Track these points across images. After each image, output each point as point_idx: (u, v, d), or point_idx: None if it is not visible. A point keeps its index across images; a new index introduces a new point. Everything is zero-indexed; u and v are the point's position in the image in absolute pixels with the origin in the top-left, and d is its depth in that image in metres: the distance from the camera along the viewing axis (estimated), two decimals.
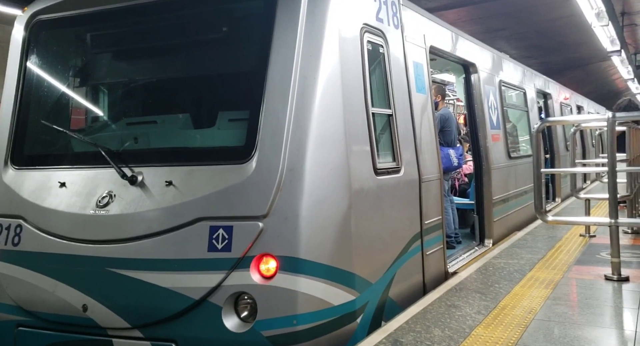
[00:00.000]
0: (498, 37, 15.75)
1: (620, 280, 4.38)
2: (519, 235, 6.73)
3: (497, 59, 7.71)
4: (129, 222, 3.56)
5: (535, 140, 4.99)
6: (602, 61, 20.32)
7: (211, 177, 3.47)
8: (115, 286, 3.51)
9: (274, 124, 3.38)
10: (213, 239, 3.35)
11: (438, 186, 4.95)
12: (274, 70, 3.45)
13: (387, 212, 4.04)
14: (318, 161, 3.39)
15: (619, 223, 4.43)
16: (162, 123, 4.12)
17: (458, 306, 3.82)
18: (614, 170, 4.48)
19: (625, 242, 5.98)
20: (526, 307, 3.76)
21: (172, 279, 3.38)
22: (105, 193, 3.72)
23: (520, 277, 4.61)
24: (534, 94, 9.55)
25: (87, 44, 4.37)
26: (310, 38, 3.46)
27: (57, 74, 4.46)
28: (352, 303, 3.42)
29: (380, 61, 4.18)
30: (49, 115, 4.39)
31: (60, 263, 3.71)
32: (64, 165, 4.05)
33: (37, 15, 4.42)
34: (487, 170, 6.44)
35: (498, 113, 7.15)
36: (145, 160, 3.75)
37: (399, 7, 4.56)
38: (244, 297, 3.28)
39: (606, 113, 4.58)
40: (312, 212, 3.32)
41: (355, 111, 3.72)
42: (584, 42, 16.83)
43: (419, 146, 4.58)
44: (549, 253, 5.55)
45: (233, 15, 3.88)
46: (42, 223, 3.85)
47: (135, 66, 4.41)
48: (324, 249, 3.33)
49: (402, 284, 4.13)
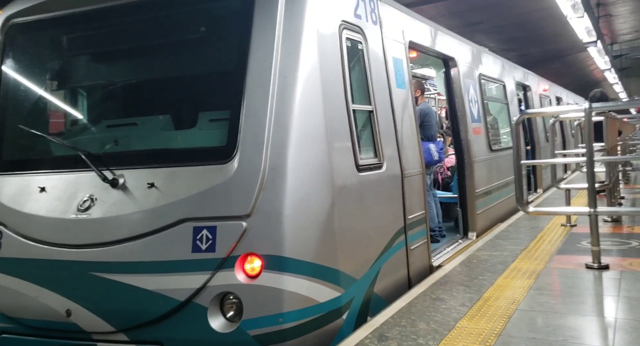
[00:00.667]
0: (477, 30, 15.88)
1: (600, 268, 4.47)
2: (501, 226, 6.82)
3: (476, 52, 7.78)
4: (112, 225, 3.53)
5: (515, 132, 5.06)
6: (580, 52, 20.62)
7: (193, 177, 3.46)
8: (99, 290, 3.49)
9: (254, 123, 3.38)
10: (197, 240, 3.34)
11: (420, 181, 4.99)
12: (254, 69, 3.44)
13: (371, 208, 4.06)
14: (300, 159, 3.39)
15: (598, 212, 4.51)
16: (142, 125, 4.09)
17: (443, 300, 3.87)
18: (592, 160, 4.56)
19: (605, 230, 6.10)
20: (509, 298, 3.83)
21: (157, 281, 3.37)
22: (86, 197, 3.68)
23: (503, 269, 4.68)
24: (514, 87, 9.66)
25: (64, 46, 4.31)
26: (289, 37, 3.46)
27: (34, 77, 4.39)
28: (338, 299, 3.44)
29: (359, 58, 4.19)
30: (27, 120, 4.33)
31: (43, 268, 3.67)
32: (44, 169, 3.99)
33: (11, 19, 4.35)
34: (469, 163, 6.51)
35: (478, 107, 7.23)
36: (126, 163, 3.72)
37: (377, 3, 4.58)
38: (229, 297, 3.28)
39: (583, 104, 4.66)
40: (296, 210, 3.33)
41: (336, 108, 3.73)
42: (561, 33, 17.05)
43: (400, 141, 4.61)
44: (531, 244, 5.64)
45: (211, 15, 3.86)
46: (23, 229, 3.81)
47: (113, 68, 4.37)
48: (308, 247, 3.34)
49: (387, 279, 4.16)
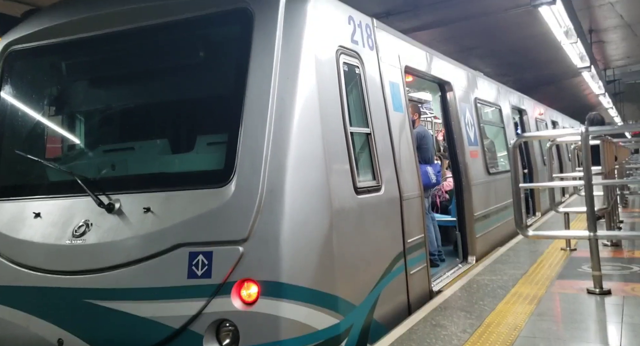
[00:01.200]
0: (472, 55, 16.08)
1: (602, 293, 4.40)
2: (501, 250, 6.76)
3: (471, 77, 7.85)
4: (107, 250, 3.48)
5: (513, 155, 5.06)
6: (574, 77, 20.85)
7: (190, 201, 3.43)
8: (92, 318, 3.41)
9: (252, 147, 3.37)
10: (193, 265, 3.29)
11: (419, 203, 4.96)
12: (252, 93, 3.45)
13: (369, 232, 4.02)
14: (298, 182, 3.37)
15: (598, 236, 4.48)
16: (139, 149, 4.08)
17: (443, 326, 3.79)
18: (590, 184, 4.55)
19: (605, 254, 6.04)
20: (511, 324, 3.76)
21: (152, 308, 3.30)
22: (81, 222, 3.64)
23: (504, 293, 4.61)
24: (510, 110, 9.72)
25: (62, 72, 4.34)
26: (287, 61, 3.48)
27: (32, 103, 4.40)
28: (337, 326, 3.37)
29: (356, 81, 4.21)
30: (24, 145, 4.32)
31: (34, 296, 3.60)
32: (40, 194, 3.96)
33: (11, 46, 4.38)
34: (467, 187, 6.49)
35: (475, 130, 7.25)
36: (122, 187, 3.70)
37: (373, 30, 4.63)
38: (225, 324, 3.21)
39: (580, 128, 4.67)
40: (293, 234, 3.28)
41: (334, 131, 3.72)
42: (555, 59, 17.27)
43: (398, 164, 4.60)
44: (531, 268, 5.58)
45: (210, 41, 3.90)
46: (16, 255, 3.75)
47: (111, 93, 4.38)
48: (306, 272, 3.29)
49: (387, 305, 4.09)
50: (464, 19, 12.07)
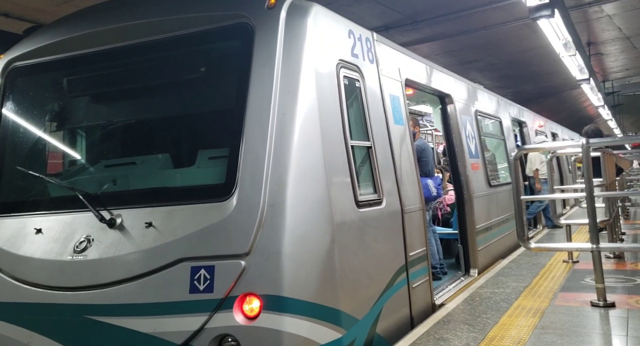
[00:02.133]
0: (472, 68, 16.17)
1: (606, 306, 4.37)
2: (503, 263, 6.73)
3: (472, 89, 7.89)
4: (108, 266, 3.47)
5: (514, 167, 5.06)
6: (573, 89, 20.94)
7: (191, 216, 3.43)
8: (94, 335, 3.39)
9: (253, 161, 3.37)
10: (195, 280, 3.27)
11: (421, 216, 4.95)
12: (253, 107, 3.47)
13: (371, 245, 4.01)
14: (299, 196, 3.37)
15: (601, 249, 4.46)
16: (141, 164, 4.09)
17: (447, 339, 3.76)
18: (592, 196, 4.54)
19: (608, 266, 6.01)
20: (515, 337, 3.73)
21: (154, 324, 3.28)
22: (83, 237, 3.63)
23: (507, 307, 4.59)
24: (510, 123, 9.75)
25: (63, 88, 4.36)
26: (287, 75, 3.50)
27: (33, 119, 4.42)
28: (339, 341, 3.34)
29: (357, 95, 4.24)
30: (25, 161, 4.34)
31: (36, 312, 3.58)
32: (41, 210, 3.96)
33: (13, 62, 4.42)
34: (468, 199, 6.49)
35: (476, 143, 7.27)
36: (124, 202, 3.70)
37: (373, 43, 4.66)
38: (227, 339, 3.18)
39: (580, 140, 4.68)
40: (295, 247, 3.27)
41: (335, 144, 3.73)
42: (554, 71, 17.36)
43: (399, 177, 4.60)
44: (534, 281, 5.55)
45: (211, 55, 3.92)
46: (17, 272, 3.74)
47: (113, 108, 4.40)
48: (308, 286, 3.27)
49: (389, 319, 4.06)
50: (463, 32, 12.17)
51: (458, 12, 10.75)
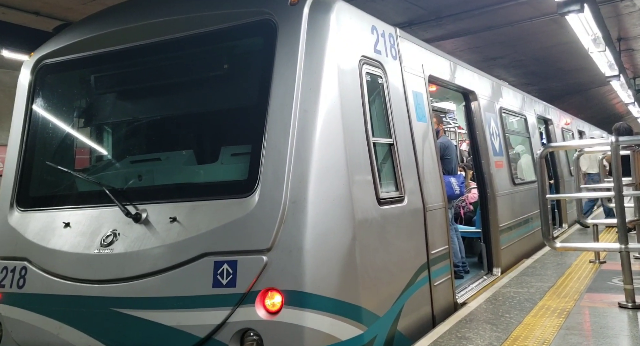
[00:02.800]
0: (496, 65, 15.95)
1: (635, 307, 4.27)
2: (527, 262, 6.63)
3: (496, 86, 7.78)
4: (134, 260, 3.54)
5: (539, 165, 4.98)
6: (601, 86, 20.49)
7: (215, 211, 3.47)
8: (119, 327, 3.47)
9: (275, 157, 3.39)
10: (218, 274, 3.32)
11: (443, 214, 4.92)
12: (275, 104, 3.49)
13: (393, 243, 4.00)
14: (321, 193, 3.38)
15: (630, 249, 4.36)
16: (165, 160, 4.15)
17: (469, 338, 3.73)
18: (621, 195, 4.44)
19: (637, 268, 5.87)
20: (539, 338, 3.68)
21: (178, 317, 3.34)
22: (109, 232, 3.71)
23: (531, 306, 4.52)
24: (535, 120, 9.59)
25: (91, 85, 4.46)
26: (310, 72, 3.51)
27: (62, 115, 4.53)
28: (360, 337, 3.35)
29: (379, 91, 4.22)
30: (54, 157, 4.44)
31: (65, 304, 3.68)
32: (69, 205, 4.06)
33: (42, 60, 4.53)
34: (492, 197, 6.41)
35: (500, 140, 7.17)
36: (149, 198, 3.76)
37: (396, 39, 4.64)
38: (249, 334, 3.22)
39: (609, 138, 4.58)
40: (316, 244, 3.29)
41: (356, 141, 3.73)
42: (582, 67, 17.00)
43: (421, 174, 4.57)
44: (559, 281, 5.46)
45: (234, 53, 3.96)
46: (47, 264, 3.84)
47: (139, 105, 4.48)
48: (329, 282, 3.28)
49: (411, 316, 4.05)
50: (488, 28, 12.01)
51: (483, 8, 10.61)
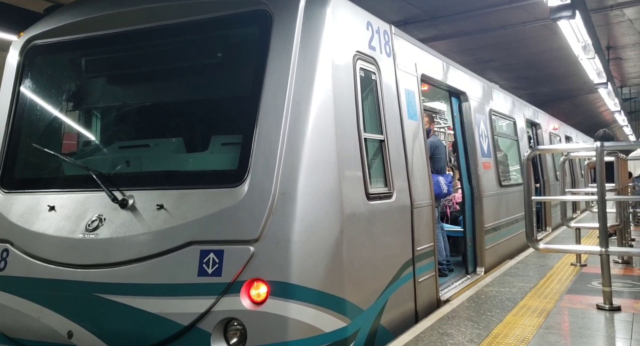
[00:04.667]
0: (488, 67, 16.06)
1: (612, 309, 4.35)
2: (510, 263, 6.71)
3: (487, 88, 7.84)
4: (119, 246, 3.51)
5: (526, 168, 5.03)
6: (589, 93, 20.74)
7: (203, 200, 3.46)
8: (102, 312, 3.44)
9: (266, 148, 3.39)
10: (203, 263, 3.31)
11: (430, 212, 4.95)
12: (268, 95, 3.48)
13: (379, 238, 4.02)
14: (310, 185, 3.38)
15: (610, 252, 4.43)
16: (154, 146, 4.12)
17: (450, 335, 3.78)
18: (604, 199, 4.51)
19: (616, 271, 5.98)
20: (518, 336, 3.73)
21: (161, 304, 3.32)
22: (95, 216, 3.68)
23: (512, 305, 4.58)
24: (524, 124, 9.68)
25: (81, 68, 4.40)
26: (304, 64, 3.51)
27: (50, 98, 4.47)
28: (344, 330, 3.37)
29: (372, 88, 4.23)
30: (41, 139, 4.39)
31: (47, 288, 3.64)
32: (54, 188, 4.01)
33: (32, 40, 4.46)
34: (478, 198, 6.47)
35: (489, 142, 7.23)
36: (136, 184, 3.74)
37: (391, 36, 4.65)
38: (233, 323, 3.22)
39: (595, 143, 4.64)
40: (304, 236, 3.30)
41: (348, 136, 3.74)
42: (571, 74, 17.19)
43: (410, 172, 4.60)
44: (540, 282, 5.54)
45: (228, 41, 3.94)
46: (30, 247, 3.80)
47: (130, 91, 4.44)
48: (315, 274, 3.30)
49: (394, 311, 4.08)
50: (481, 31, 12.08)
51: (477, 10, 10.67)
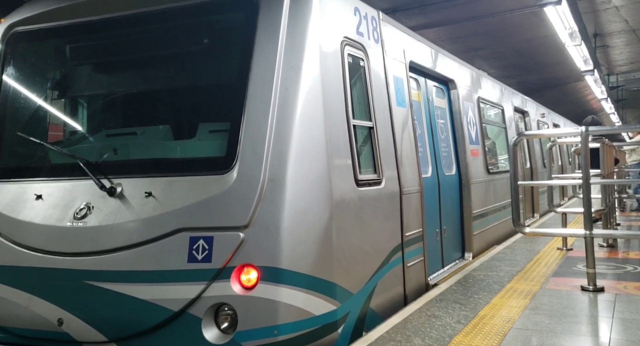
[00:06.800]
0: (477, 56, 16.10)
1: (595, 290, 4.45)
2: (498, 248, 6.81)
3: (475, 76, 7.88)
4: (107, 233, 3.51)
5: (513, 153, 5.08)
6: (577, 81, 20.87)
7: (192, 187, 3.46)
8: (92, 299, 3.45)
9: (255, 135, 3.40)
10: (193, 250, 3.32)
11: (418, 199, 4.99)
12: (255, 81, 3.48)
13: (368, 223, 4.06)
14: (299, 172, 3.40)
15: (594, 235, 4.51)
16: (142, 134, 4.11)
17: (438, 316, 3.84)
18: (588, 183, 4.58)
19: (601, 255, 6.09)
20: (505, 317, 3.80)
21: (151, 291, 3.34)
22: (83, 205, 3.67)
23: (499, 288, 4.66)
24: (512, 112, 9.75)
25: (65, 55, 4.35)
26: (291, 50, 3.50)
27: (34, 85, 4.42)
28: (334, 313, 3.41)
29: (360, 74, 4.24)
30: (26, 127, 4.35)
31: (36, 276, 3.64)
32: (41, 177, 3.99)
33: (14, 27, 4.40)
34: (466, 185, 6.53)
35: (477, 129, 7.28)
36: (124, 172, 3.73)
37: (379, 22, 4.65)
38: (224, 308, 3.25)
39: (580, 127, 4.70)
40: (294, 222, 3.32)
41: (337, 122, 3.75)
42: (559, 62, 17.29)
43: (399, 159, 4.63)
44: (527, 266, 5.62)
45: (214, 28, 3.92)
46: (17, 236, 3.78)
47: (114, 78, 4.40)
48: (305, 259, 3.33)
49: (384, 295, 4.13)
50: (470, 18, 12.09)
51: None
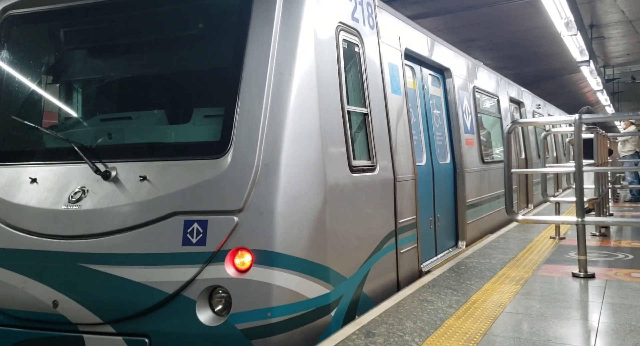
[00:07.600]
0: (473, 46, 16.09)
1: (586, 277, 4.51)
2: (491, 237, 6.86)
3: (471, 65, 7.89)
4: (102, 216, 3.53)
5: (507, 141, 5.11)
6: (573, 73, 20.91)
7: (186, 171, 3.47)
8: (87, 282, 3.47)
9: (249, 120, 3.40)
10: (187, 233, 3.34)
11: (412, 186, 5.02)
12: (250, 66, 3.48)
13: (362, 209, 4.08)
14: (293, 157, 3.42)
15: (586, 222, 4.56)
16: (136, 119, 4.10)
17: (430, 301, 3.88)
18: (581, 170, 4.62)
19: (593, 243, 6.15)
20: (496, 301, 3.85)
21: (146, 273, 3.36)
22: (77, 188, 3.68)
23: (491, 275, 4.71)
24: (508, 102, 9.77)
25: (59, 39, 4.33)
26: (286, 35, 3.50)
27: (28, 69, 4.40)
28: (327, 296, 3.44)
29: (355, 60, 4.25)
30: (21, 111, 4.33)
31: (31, 259, 3.65)
32: (36, 161, 3.99)
33: (7, 10, 4.37)
34: (460, 173, 6.56)
35: (472, 119, 7.30)
36: (119, 156, 3.73)
37: (374, 8, 4.65)
38: (218, 291, 3.28)
39: (574, 115, 4.73)
40: (288, 206, 3.34)
41: (331, 108, 3.76)
42: (555, 53, 17.30)
43: (394, 146, 4.65)
44: (520, 254, 5.68)
45: (209, 12, 3.91)
46: (12, 219, 3.79)
47: (109, 62, 4.38)
48: (299, 243, 3.35)
49: (377, 280, 4.17)
50: (467, 8, 12.07)
51: None
